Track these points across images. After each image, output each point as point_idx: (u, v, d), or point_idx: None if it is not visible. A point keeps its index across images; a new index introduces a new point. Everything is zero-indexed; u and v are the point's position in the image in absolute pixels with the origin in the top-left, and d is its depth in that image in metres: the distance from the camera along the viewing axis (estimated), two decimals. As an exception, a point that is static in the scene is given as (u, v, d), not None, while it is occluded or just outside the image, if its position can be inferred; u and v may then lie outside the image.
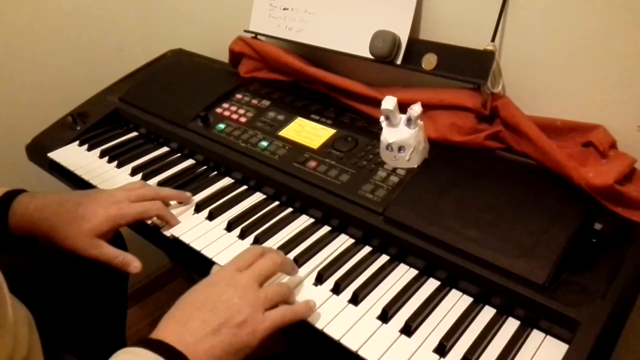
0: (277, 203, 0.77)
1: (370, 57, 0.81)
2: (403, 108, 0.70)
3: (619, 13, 0.63)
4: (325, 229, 0.71)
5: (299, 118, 0.86)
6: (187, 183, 0.82)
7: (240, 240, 0.70)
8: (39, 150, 0.94)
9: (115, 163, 0.88)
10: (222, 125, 0.88)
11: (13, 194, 0.70)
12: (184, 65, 1.09)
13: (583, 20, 0.67)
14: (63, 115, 1.01)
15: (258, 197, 0.79)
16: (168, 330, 0.52)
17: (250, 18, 0.97)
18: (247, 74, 0.99)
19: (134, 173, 0.86)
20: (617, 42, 0.65)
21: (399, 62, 0.79)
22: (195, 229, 0.72)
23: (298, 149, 0.79)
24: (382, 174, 0.72)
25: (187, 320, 0.52)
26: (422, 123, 0.71)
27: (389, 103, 0.69)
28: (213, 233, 0.71)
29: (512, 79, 0.76)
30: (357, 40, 0.83)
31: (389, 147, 0.71)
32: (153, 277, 1.64)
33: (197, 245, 0.69)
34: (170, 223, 0.73)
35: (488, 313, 0.58)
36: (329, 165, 0.75)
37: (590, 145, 0.68)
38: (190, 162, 0.88)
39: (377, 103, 0.74)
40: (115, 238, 0.83)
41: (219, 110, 0.91)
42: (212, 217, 0.74)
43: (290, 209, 0.75)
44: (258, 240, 0.69)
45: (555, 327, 0.54)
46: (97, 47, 1.27)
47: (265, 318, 0.54)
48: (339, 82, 0.85)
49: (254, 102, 0.92)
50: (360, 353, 0.54)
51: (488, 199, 0.65)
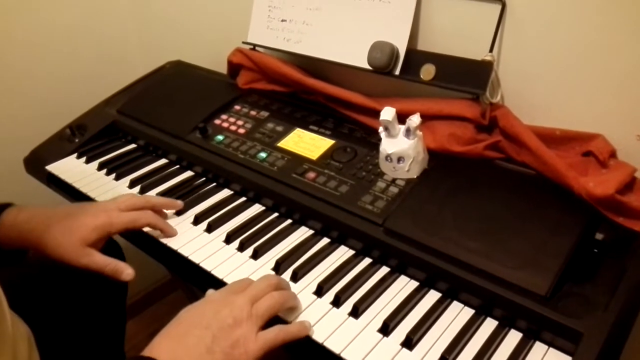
0: (276, 214, 0.76)
1: (369, 68, 0.81)
2: (402, 119, 0.70)
3: (618, 22, 0.64)
4: (325, 241, 0.71)
5: (298, 129, 0.86)
6: (185, 195, 0.82)
7: (240, 253, 0.70)
8: (37, 163, 0.94)
9: (114, 175, 0.88)
10: (220, 137, 0.88)
11: (1, 208, 0.70)
12: (183, 77, 1.09)
13: (581, 30, 0.67)
14: (61, 128, 1.00)
15: (257, 208, 0.78)
16: (162, 347, 0.52)
17: (249, 30, 0.97)
18: (245, 85, 0.99)
19: (133, 185, 0.85)
20: (615, 51, 0.65)
21: (398, 72, 0.79)
22: (194, 242, 0.72)
23: (297, 160, 0.79)
24: (381, 185, 0.72)
25: (181, 338, 0.52)
26: (421, 133, 0.71)
27: (388, 114, 0.69)
28: (212, 245, 0.71)
29: (510, 89, 0.76)
30: (355, 51, 0.83)
31: (388, 157, 0.71)
32: (152, 289, 1.63)
33: (196, 258, 0.69)
34: (165, 232, 0.73)
35: (490, 325, 0.57)
36: (328, 176, 0.75)
37: (590, 155, 0.68)
38: (189, 173, 0.88)
39: (375, 114, 0.74)
40: (113, 250, 0.82)
41: (218, 122, 0.91)
42: (211, 229, 0.74)
43: (290, 221, 0.75)
44: (257, 252, 0.69)
45: (558, 339, 0.54)
46: (95, 59, 1.27)
47: (259, 338, 0.54)
48: (338, 92, 0.85)
49: (253, 113, 0.92)
50: (361, 367, 0.53)
51: (488, 210, 0.64)
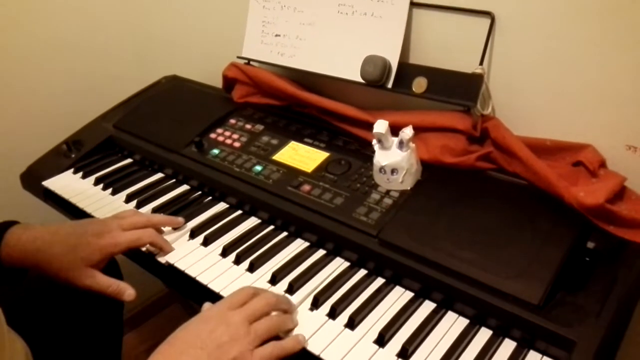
0: (271, 227, 0.77)
1: (362, 81, 0.82)
2: (395, 131, 0.71)
3: (605, 34, 0.65)
4: (320, 253, 0.71)
5: (293, 142, 0.86)
6: (182, 209, 0.82)
7: (236, 266, 0.70)
8: (34, 179, 0.95)
9: (110, 190, 0.88)
10: (216, 151, 0.88)
11: (5, 226, 0.71)
12: (178, 92, 1.10)
13: (569, 43, 0.68)
14: (57, 144, 1.01)
15: (253, 221, 0.79)
16: None
17: (243, 44, 0.99)
18: (240, 99, 1.00)
19: (129, 200, 0.86)
20: (604, 62, 0.66)
21: (390, 85, 0.81)
22: (191, 255, 0.72)
23: (292, 173, 0.80)
24: (375, 197, 0.72)
25: (176, 357, 0.52)
26: (414, 145, 0.72)
27: (381, 126, 0.70)
28: (208, 259, 0.71)
29: (501, 101, 0.78)
30: (348, 65, 0.84)
31: (382, 169, 0.72)
32: (148, 302, 1.62)
33: (192, 272, 0.69)
34: (164, 250, 0.73)
35: (484, 335, 0.58)
36: (323, 189, 0.76)
37: (580, 165, 0.69)
38: (185, 187, 0.89)
39: (369, 126, 0.75)
40: (110, 265, 0.82)
41: (213, 136, 0.92)
42: (207, 242, 0.74)
43: (285, 233, 0.75)
44: (253, 265, 0.69)
45: (552, 347, 0.54)
46: (91, 74, 1.28)
47: (254, 356, 0.54)
48: (332, 106, 0.86)
49: (248, 126, 0.93)
50: (358, 378, 0.54)
51: (481, 220, 0.65)
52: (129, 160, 0.98)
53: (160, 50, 1.30)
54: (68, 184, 0.91)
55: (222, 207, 0.83)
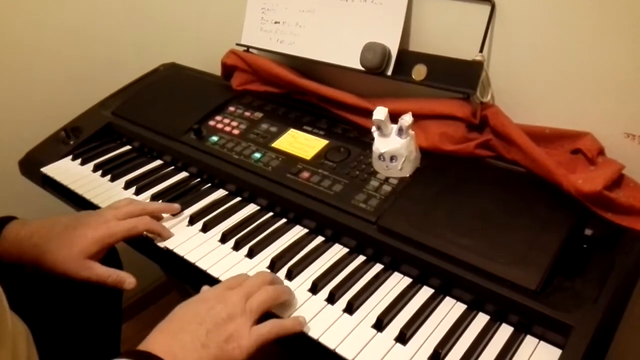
0: (271, 214, 0.77)
1: (361, 68, 0.82)
2: (394, 118, 0.71)
3: (605, 22, 0.65)
4: (319, 239, 0.72)
5: (292, 129, 0.86)
6: (180, 196, 0.82)
7: (235, 252, 0.70)
8: (32, 166, 0.94)
9: (109, 177, 0.88)
10: (215, 138, 0.88)
11: (3, 221, 0.71)
12: (177, 79, 1.10)
13: (569, 30, 0.68)
14: (56, 130, 1.01)
15: (252, 208, 0.79)
16: (157, 342, 0.53)
17: (242, 32, 0.98)
18: (239, 87, 1.00)
19: (128, 186, 0.86)
20: (604, 50, 0.66)
21: (390, 73, 0.80)
22: (190, 241, 0.72)
23: (291, 160, 0.80)
24: (374, 184, 0.73)
25: (176, 333, 0.53)
26: (413, 133, 0.72)
27: (380, 113, 0.70)
28: (207, 245, 0.72)
29: (500, 89, 0.77)
30: (348, 52, 0.84)
31: (381, 156, 0.72)
32: (147, 291, 1.63)
33: (191, 258, 0.69)
34: (163, 235, 0.73)
35: (482, 320, 0.58)
36: (322, 176, 0.76)
37: (579, 153, 0.69)
38: (184, 174, 0.89)
39: (368, 114, 0.75)
40: (109, 254, 0.83)
41: (212, 123, 0.92)
42: (206, 229, 0.74)
43: (284, 220, 0.76)
44: (252, 252, 0.69)
45: (549, 332, 0.55)
46: (89, 61, 1.28)
47: (252, 333, 0.55)
48: (331, 93, 0.86)
49: (247, 114, 0.93)
50: (356, 362, 0.54)
51: (480, 207, 0.65)
52: (128, 147, 0.98)
53: (159, 38, 1.29)
54: (67, 171, 0.91)
55: (221, 194, 0.83)
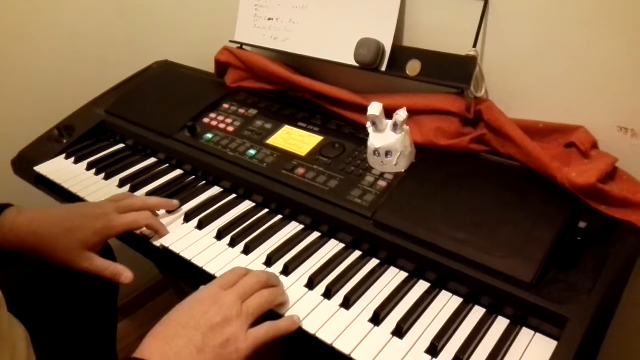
0: (266, 210, 0.77)
1: (356, 64, 0.82)
2: (389, 114, 0.71)
3: (598, 16, 0.65)
4: (315, 235, 0.72)
5: (286, 126, 0.86)
6: (175, 193, 0.82)
7: (231, 249, 0.70)
8: (25, 165, 0.94)
9: (103, 175, 0.88)
10: (209, 135, 0.88)
11: (0, 209, 0.70)
12: (170, 77, 1.10)
13: (562, 25, 0.68)
14: (49, 129, 1.00)
15: (247, 205, 0.79)
16: (152, 348, 0.52)
17: (236, 28, 0.98)
18: (233, 84, 0.99)
19: (122, 185, 0.85)
20: (596, 45, 0.67)
21: (384, 69, 0.81)
22: (185, 239, 0.72)
23: (286, 157, 0.80)
24: (370, 179, 0.73)
25: (171, 339, 0.52)
26: (408, 128, 0.72)
27: (375, 109, 0.70)
28: (203, 242, 0.71)
29: (494, 83, 0.78)
30: (341, 49, 0.84)
31: (376, 152, 0.72)
32: (142, 290, 1.62)
33: (187, 255, 0.69)
34: (160, 232, 0.73)
35: (478, 313, 0.59)
36: (317, 172, 0.76)
37: (573, 146, 0.69)
38: (179, 172, 0.88)
39: (363, 109, 0.75)
40: (104, 251, 0.82)
41: (207, 120, 0.92)
42: (201, 226, 0.74)
43: (280, 216, 0.76)
44: (248, 248, 0.69)
45: (544, 324, 0.55)
46: (82, 59, 1.27)
47: (249, 336, 0.54)
48: (325, 89, 0.86)
49: (241, 111, 0.92)
50: (353, 356, 0.54)
51: (475, 201, 0.66)
52: (122, 146, 0.97)
53: (152, 35, 1.29)
54: (60, 169, 0.91)
55: (216, 191, 0.83)
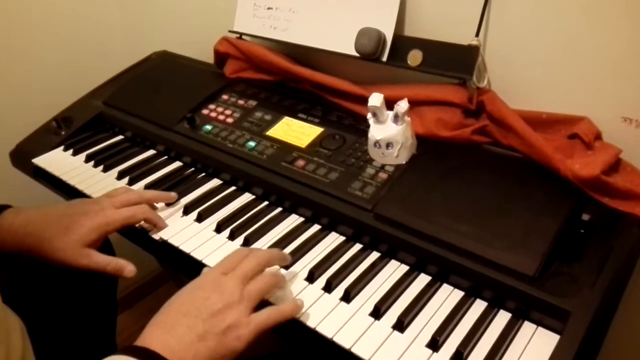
0: (266, 203, 0.76)
1: (356, 54, 0.81)
2: (390, 105, 0.70)
3: (602, 5, 0.64)
4: (316, 228, 0.71)
5: (286, 117, 0.85)
6: (174, 185, 0.81)
7: (230, 241, 0.70)
8: (23, 157, 0.93)
9: (101, 167, 0.87)
10: (208, 127, 0.87)
11: None
12: (169, 67, 1.08)
13: (566, 14, 0.67)
14: (47, 121, 0.99)
15: (247, 197, 0.78)
16: (153, 337, 0.51)
17: (235, 18, 0.97)
18: (232, 75, 0.98)
19: (121, 177, 0.85)
20: (600, 34, 0.66)
21: (385, 59, 0.80)
22: (185, 231, 0.71)
23: (286, 149, 0.79)
24: (370, 171, 0.72)
25: (172, 327, 0.52)
26: (409, 119, 0.71)
27: (376, 100, 0.69)
28: (202, 235, 0.71)
29: (497, 74, 0.77)
30: (342, 38, 0.83)
31: (377, 144, 0.71)
32: (142, 282, 1.62)
33: (186, 248, 0.69)
34: (158, 226, 0.72)
35: (479, 306, 0.58)
36: (318, 164, 0.75)
37: (576, 137, 0.68)
38: (178, 164, 0.88)
39: (364, 100, 0.74)
40: (104, 246, 0.82)
41: (206, 112, 0.91)
42: (201, 218, 0.73)
43: (280, 209, 0.75)
44: (248, 241, 0.69)
45: (546, 318, 0.54)
46: (80, 50, 1.26)
47: (250, 321, 0.54)
48: (326, 80, 0.85)
49: (241, 102, 0.91)
50: (354, 350, 0.54)
51: (476, 193, 0.65)
52: (120, 137, 0.97)
53: (150, 25, 1.28)
54: (58, 161, 0.90)
55: (215, 183, 0.82)
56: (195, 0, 1.13)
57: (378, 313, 0.57)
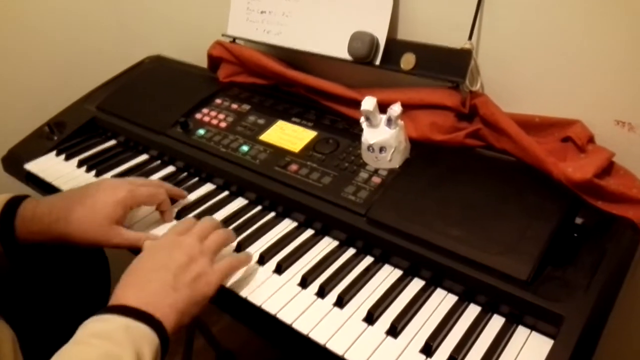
0: (259, 208, 0.76)
1: (349, 58, 0.81)
2: (383, 108, 0.70)
3: (594, 10, 0.64)
4: (309, 232, 0.71)
5: (280, 121, 0.85)
6: (167, 190, 0.81)
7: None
8: (15, 162, 0.93)
9: (94, 172, 0.87)
10: (202, 131, 0.87)
11: (17, 201, 0.68)
12: (162, 72, 1.08)
13: (558, 18, 0.67)
14: (39, 126, 0.99)
15: (240, 202, 0.78)
16: (129, 295, 0.53)
17: (228, 22, 0.97)
18: (226, 79, 0.98)
19: (114, 182, 0.84)
20: (592, 38, 0.66)
21: (378, 62, 0.79)
22: (177, 237, 0.71)
23: (279, 153, 0.79)
24: (364, 175, 0.72)
25: (144, 284, 0.54)
26: (402, 123, 0.71)
27: (369, 103, 0.69)
28: (195, 240, 0.70)
29: (490, 77, 0.77)
30: (335, 42, 0.83)
31: (370, 148, 0.71)
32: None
33: (179, 253, 0.68)
34: (166, 218, 0.73)
35: (473, 311, 0.58)
36: (311, 168, 0.75)
37: (569, 141, 0.68)
38: (171, 169, 0.87)
39: (357, 104, 0.74)
40: (98, 259, 0.81)
41: (199, 116, 0.91)
42: (193, 224, 0.73)
43: (273, 214, 0.75)
44: (241, 246, 0.68)
45: (540, 322, 0.54)
46: (73, 55, 1.25)
47: (215, 269, 0.59)
48: (319, 84, 0.85)
49: (234, 106, 0.91)
50: (347, 357, 0.53)
51: (470, 197, 0.65)
52: (113, 142, 0.96)
53: (143, 30, 1.27)
54: (51, 167, 0.89)
55: (209, 188, 0.81)
56: (189, 5, 1.13)
57: (371, 318, 0.57)
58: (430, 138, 0.74)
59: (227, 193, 0.80)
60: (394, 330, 0.55)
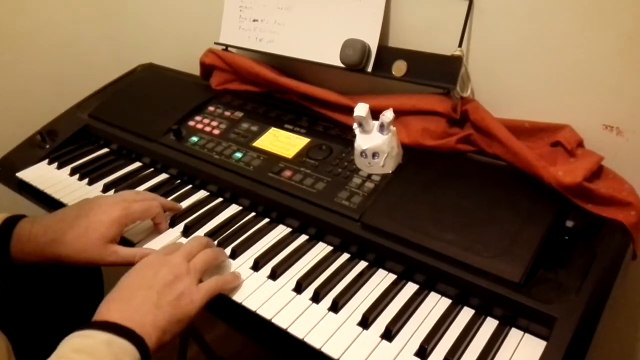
0: (253, 214, 0.76)
1: (341, 65, 0.81)
2: (376, 115, 0.71)
3: (582, 16, 0.65)
4: (303, 238, 0.71)
5: (273, 128, 0.86)
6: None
7: (217, 253, 0.69)
8: (8, 170, 0.92)
9: (87, 180, 0.86)
10: (195, 138, 0.87)
11: (13, 220, 0.68)
12: (155, 80, 1.08)
13: (546, 24, 0.69)
14: (31, 134, 0.98)
15: (234, 209, 0.78)
16: (111, 310, 0.54)
17: (220, 30, 0.97)
18: (219, 86, 0.98)
19: (106, 190, 0.84)
20: (581, 43, 0.67)
21: (370, 69, 0.80)
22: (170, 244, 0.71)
23: (273, 159, 0.79)
24: (357, 181, 0.72)
25: (128, 300, 0.55)
26: (394, 129, 0.72)
27: (361, 110, 0.69)
28: (189, 247, 0.70)
29: (480, 83, 0.78)
30: (327, 50, 0.83)
31: (363, 153, 0.72)
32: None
33: (173, 260, 0.68)
34: (160, 229, 0.73)
35: (467, 314, 0.58)
36: (305, 174, 0.75)
37: (559, 145, 0.69)
38: (164, 176, 0.87)
39: (349, 111, 0.75)
40: (95, 277, 0.81)
41: (192, 123, 0.91)
42: (187, 231, 0.73)
43: (267, 220, 0.75)
44: (235, 252, 0.69)
45: (533, 324, 0.55)
46: (65, 63, 1.25)
47: (200, 288, 0.59)
48: (312, 91, 0.85)
49: (227, 114, 0.92)
50: (342, 360, 0.54)
51: (462, 202, 0.66)
52: (106, 150, 0.96)
53: (136, 38, 1.27)
54: (43, 175, 0.89)
55: (202, 195, 0.82)
56: (181, 13, 1.14)
57: (366, 322, 0.57)
58: (422, 143, 0.75)
59: (220, 200, 0.80)
60: (389, 334, 0.56)
